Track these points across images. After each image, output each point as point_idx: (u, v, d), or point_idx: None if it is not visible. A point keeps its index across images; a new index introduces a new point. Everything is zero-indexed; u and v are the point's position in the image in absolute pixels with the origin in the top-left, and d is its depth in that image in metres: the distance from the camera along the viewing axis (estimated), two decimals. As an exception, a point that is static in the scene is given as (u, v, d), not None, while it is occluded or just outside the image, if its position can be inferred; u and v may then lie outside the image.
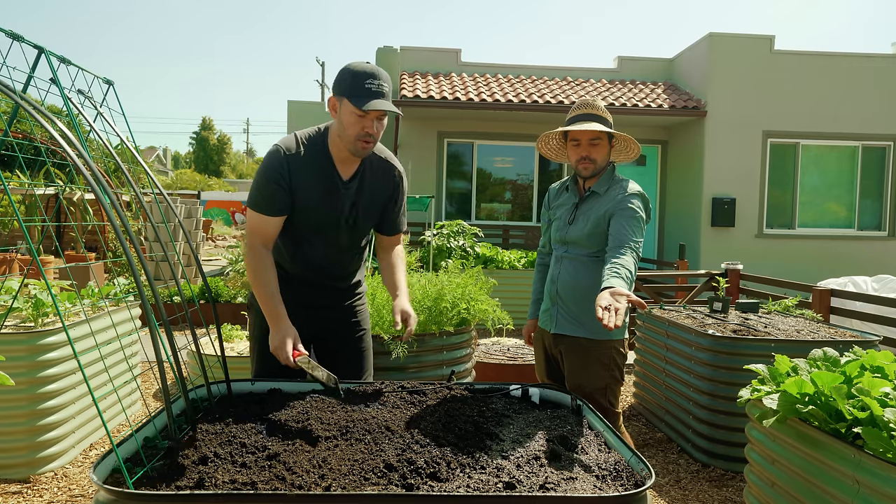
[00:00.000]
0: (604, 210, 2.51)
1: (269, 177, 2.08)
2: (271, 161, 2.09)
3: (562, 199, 2.73)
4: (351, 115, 2.01)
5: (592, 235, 2.54)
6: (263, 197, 2.10)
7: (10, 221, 11.65)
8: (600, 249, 2.53)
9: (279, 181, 2.08)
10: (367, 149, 2.08)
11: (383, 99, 2.01)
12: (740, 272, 6.34)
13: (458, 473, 1.41)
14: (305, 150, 2.12)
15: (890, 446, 1.69)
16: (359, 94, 1.98)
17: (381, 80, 2.01)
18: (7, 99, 7.60)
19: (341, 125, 2.06)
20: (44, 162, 9.27)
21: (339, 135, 2.08)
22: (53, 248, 11.16)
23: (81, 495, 3.05)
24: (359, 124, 2.02)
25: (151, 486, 1.34)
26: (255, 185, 2.12)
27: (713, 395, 3.53)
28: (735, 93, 10.99)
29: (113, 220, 1.38)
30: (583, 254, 2.57)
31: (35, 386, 3.18)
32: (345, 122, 2.04)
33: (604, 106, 2.59)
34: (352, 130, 2.03)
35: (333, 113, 2.09)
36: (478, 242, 8.46)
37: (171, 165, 57.24)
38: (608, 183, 2.58)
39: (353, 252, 2.33)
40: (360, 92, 1.98)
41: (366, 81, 1.99)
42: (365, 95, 1.98)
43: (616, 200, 2.49)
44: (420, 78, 11.92)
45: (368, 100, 1.98)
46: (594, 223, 2.52)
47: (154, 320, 1.45)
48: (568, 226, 2.62)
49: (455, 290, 3.43)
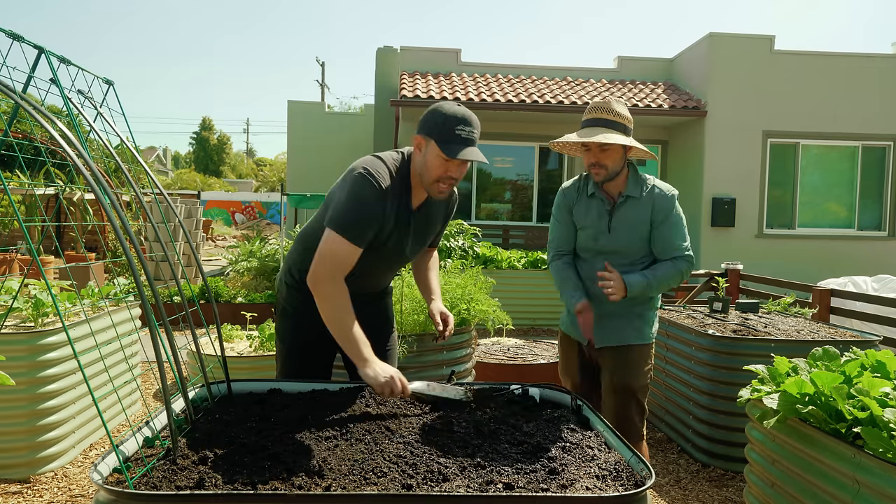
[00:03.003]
0: (645, 214, 2.52)
1: (370, 211, 1.96)
2: (375, 194, 1.96)
3: (585, 205, 2.61)
4: (437, 159, 1.96)
5: (636, 242, 2.54)
6: (359, 228, 1.95)
7: (10, 221, 11.65)
8: (643, 256, 2.57)
9: (376, 217, 1.98)
10: (445, 192, 2.04)
11: (474, 147, 1.97)
12: (740, 272, 6.35)
13: (457, 473, 1.41)
14: (397, 183, 2.05)
15: (890, 446, 1.69)
16: (449, 140, 1.93)
17: (473, 128, 1.97)
18: (7, 99, 7.60)
19: (425, 166, 2.00)
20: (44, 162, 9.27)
21: (421, 173, 2.03)
22: (53, 248, 11.16)
23: (81, 495, 3.05)
24: (443, 167, 1.97)
25: (151, 486, 1.34)
26: (351, 212, 1.95)
27: (713, 395, 3.53)
28: (735, 93, 10.99)
29: (113, 220, 1.38)
30: (624, 262, 2.54)
31: (35, 386, 3.18)
32: (429, 163, 1.98)
33: (620, 107, 2.49)
34: (435, 173, 1.98)
35: (418, 151, 2.03)
36: (477, 242, 8.46)
37: (171, 165, 57.23)
38: (639, 185, 2.54)
39: (397, 271, 2.40)
40: (451, 138, 1.93)
41: (457, 127, 1.93)
42: (456, 142, 1.93)
43: (657, 205, 2.52)
44: (420, 78, 11.91)
45: (460, 147, 1.93)
46: (636, 229, 2.53)
47: (154, 320, 1.45)
48: (606, 234, 2.55)
49: (455, 291, 3.44)
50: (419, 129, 2.02)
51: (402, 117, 11.61)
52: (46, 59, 2.34)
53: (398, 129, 11.81)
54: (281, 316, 2.34)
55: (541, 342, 5.34)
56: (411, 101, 10.50)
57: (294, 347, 2.30)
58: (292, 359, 2.31)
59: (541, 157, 12.25)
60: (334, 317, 1.93)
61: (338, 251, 1.94)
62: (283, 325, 2.33)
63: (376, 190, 1.96)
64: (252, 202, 29.15)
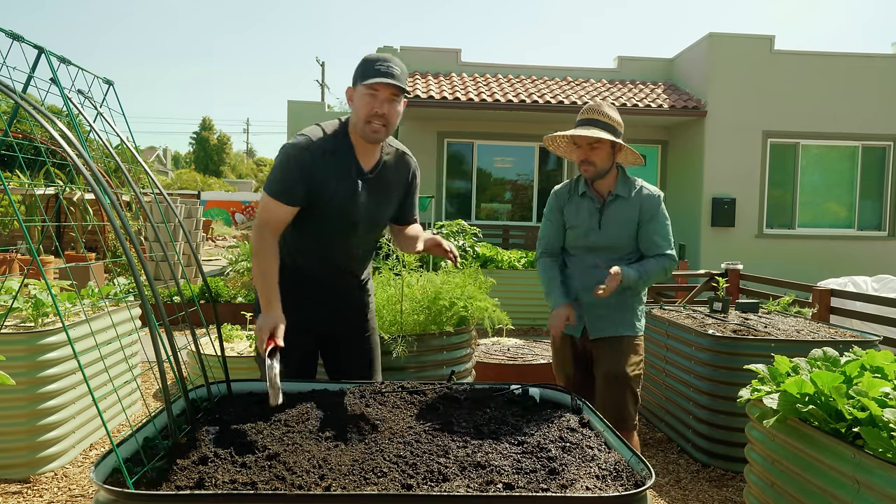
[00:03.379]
0: (633, 213, 2.68)
1: (293, 164, 2.06)
2: (296, 148, 2.07)
3: (576, 205, 2.78)
4: (363, 98, 2.05)
5: (624, 239, 2.69)
6: (282, 184, 2.07)
7: (10, 221, 11.65)
8: (632, 252, 2.72)
9: (301, 169, 2.06)
10: (378, 132, 2.08)
11: (393, 79, 2.03)
12: (740, 272, 6.34)
13: (457, 473, 1.41)
14: (330, 139, 2.12)
15: (890, 446, 1.69)
16: (369, 75, 2.03)
17: (391, 63, 2.06)
18: (7, 99, 7.60)
19: (355, 111, 2.09)
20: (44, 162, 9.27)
21: (355, 123, 2.11)
22: (53, 248, 11.16)
23: (81, 495, 3.05)
24: (369, 105, 2.04)
25: (151, 486, 1.34)
26: (274, 170, 2.09)
27: (713, 395, 3.53)
28: (735, 93, 10.99)
29: (113, 220, 1.38)
30: (613, 258, 2.69)
31: (35, 386, 3.18)
32: (357, 106, 2.07)
33: (612, 111, 2.66)
34: (363, 112, 2.06)
35: (350, 103, 2.13)
36: (477, 242, 8.46)
37: (171, 165, 57.22)
38: (627, 185, 2.72)
39: (367, 247, 2.34)
40: (371, 73, 2.03)
41: (376, 64, 2.04)
42: (374, 74, 2.02)
43: (645, 205, 2.68)
44: (420, 78, 11.92)
45: (379, 77, 2.02)
46: (625, 227, 2.68)
47: (154, 320, 1.45)
48: (596, 231, 2.71)
49: (454, 290, 3.43)
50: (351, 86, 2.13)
51: (403, 117, 11.60)
52: (46, 59, 2.34)
53: (398, 128, 11.81)
54: (256, 312, 2.37)
55: (541, 342, 5.34)
56: (411, 101, 10.50)
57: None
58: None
59: (541, 158, 12.24)
60: (257, 265, 2.05)
61: (264, 206, 2.09)
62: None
63: (297, 146, 2.07)
64: (252, 202, 29.13)
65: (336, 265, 2.29)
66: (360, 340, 2.38)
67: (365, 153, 2.16)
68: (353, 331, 2.37)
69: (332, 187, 2.11)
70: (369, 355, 2.40)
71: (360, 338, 2.38)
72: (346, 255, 2.29)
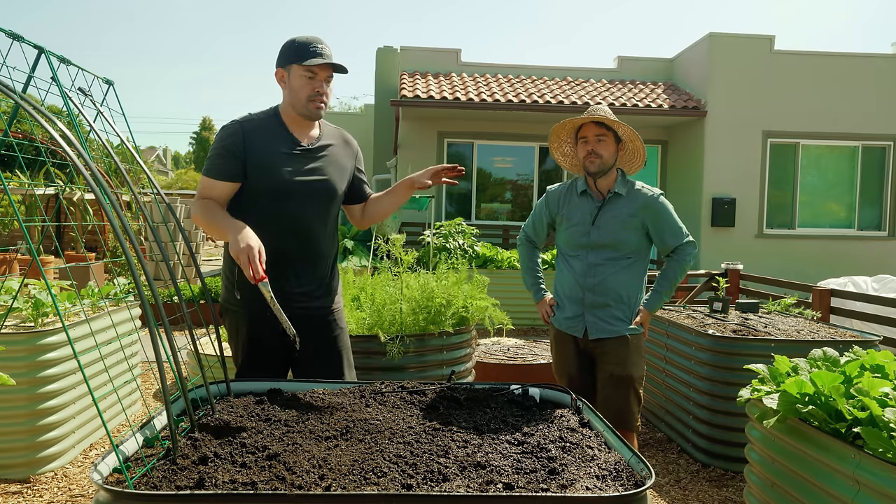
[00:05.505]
0: (631, 211, 2.73)
1: (223, 143, 2.17)
2: (225, 129, 2.20)
3: (574, 203, 2.83)
4: (301, 79, 2.16)
5: (622, 237, 2.72)
6: (214, 162, 2.18)
7: (10, 221, 11.65)
8: (631, 251, 2.75)
9: (232, 146, 2.16)
10: (320, 109, 2.21)
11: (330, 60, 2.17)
12: (740, 272, 6.34)
13: (457, 473, 1.41)
14: (260, 118, 2.24)
15: (890, 446, 1.69)
16: (308, 56, 2.14)
17: (325, 45, 2.19)
18: (7, 99, 7.60)
19: (292, 91, 2.19)
20: (44, 162, 9.27)
21: (291, 103, 2.21)
22: (53, 248, 11.16)
23: (81, 495, 3.05)
24: (309, 86, 2.16)
25: (151, 486, 1.34)
26: (209, 153, 2.22)
27: (713, 395, 3.53)
28: (735, 93, 10.99)
29: (113, 220, 1.38)
30: (612, 257, 2.73)
31: (35, 386, 3.18)
32: (295, 86, 2.17)
33: (611, 114, 2.75)
34: (303, 92, 2.17)
35: (282, 84, 2.22)
36: (477, 242, 8.46)
37: (171, 165, 57.20)
38: (626, 185, 2.79)
39: (324, 222, 2.30)
40: (308, 55, 2.15)
41: (311, 46, 2.16)
42: (312, 55, 2.14)
43: (646, 203, 2.74)
44: (420, 78, 11.91)
45: (316, 58, 2.14)
46: (625, 224, 2.73)
47: (154, 320, 1.45)
48: (596, 229, 2.75)
49: (451, 289, 3.43)
50: (277, 64, 2.22)
51: (403, 117, 11.61)
52: (46, 58, 2.34)
53: (398, 128, 11.80)
54: (223, 313, 2.39)
55: (541, 342, 5.34)
56: (411, 101, 10.50)
57: (240, 344, 2.30)
58: (242, 354, 2.30)
59: (541, 157, 12.24)
60: (203, 218, 2.14)
61: (201, 186, 2.22)
62: (228, 323, 2.36)
63: (229, 126, 2.20)
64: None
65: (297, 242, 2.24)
66: (329, 340, 2.34)
67: (300, 128, 2.26)
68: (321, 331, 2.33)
69: (273, 160, 2.19)
70: (339, 357, 2.36)
71: (329, 338, 2.34)
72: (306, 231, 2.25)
